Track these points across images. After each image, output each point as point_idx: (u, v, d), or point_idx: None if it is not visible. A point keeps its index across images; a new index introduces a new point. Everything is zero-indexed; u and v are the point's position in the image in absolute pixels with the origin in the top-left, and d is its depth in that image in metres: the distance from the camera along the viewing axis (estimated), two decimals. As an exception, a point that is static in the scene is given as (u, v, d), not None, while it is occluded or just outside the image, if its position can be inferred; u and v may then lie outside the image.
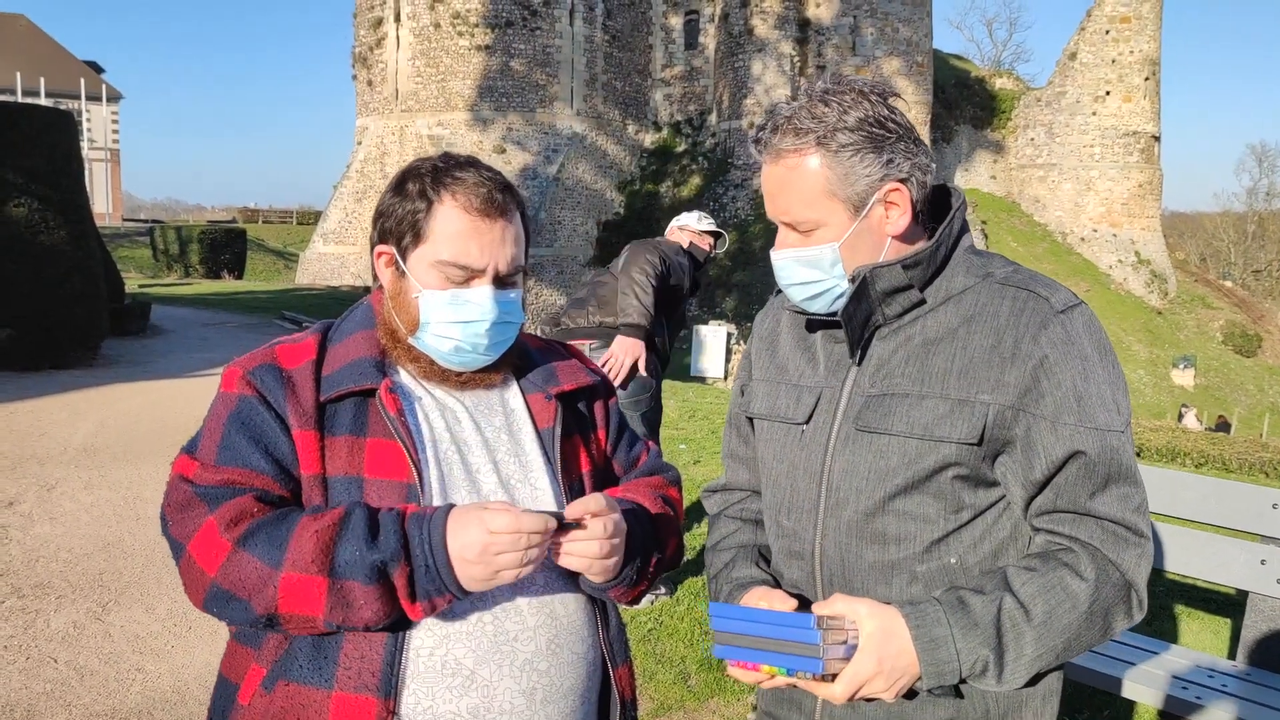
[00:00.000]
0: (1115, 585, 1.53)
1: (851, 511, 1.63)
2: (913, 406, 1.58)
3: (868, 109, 1.59)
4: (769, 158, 1.64)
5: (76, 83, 55.22)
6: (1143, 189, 42.33)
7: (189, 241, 35.29)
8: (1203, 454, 11.40)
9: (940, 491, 1.58)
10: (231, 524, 1.48)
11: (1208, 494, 3.73)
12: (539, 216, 35.75)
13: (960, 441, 1.55)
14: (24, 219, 12.17)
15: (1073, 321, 1.56)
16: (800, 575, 1.73)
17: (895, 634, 1.49)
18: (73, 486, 7.18)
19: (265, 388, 1.59)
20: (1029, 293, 1.58)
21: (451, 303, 1.62)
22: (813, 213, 1.61)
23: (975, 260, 1.66)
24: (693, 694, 4.10)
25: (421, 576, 1.46)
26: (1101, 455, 1.52)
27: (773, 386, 1.80)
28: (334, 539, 1.46)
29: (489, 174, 1.66)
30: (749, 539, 1.89)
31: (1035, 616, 1.50)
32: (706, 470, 8.09)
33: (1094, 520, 1.55)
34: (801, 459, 1.71)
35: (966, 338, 1.58)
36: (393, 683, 1.50)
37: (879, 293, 1.61)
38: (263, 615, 1.47)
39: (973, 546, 1.61)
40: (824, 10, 37.10)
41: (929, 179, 1.64)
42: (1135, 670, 3.47)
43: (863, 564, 1.63)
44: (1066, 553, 1.55)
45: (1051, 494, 1.56)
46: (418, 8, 37.15)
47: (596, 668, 1.71)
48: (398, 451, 1.58)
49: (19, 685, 4.15)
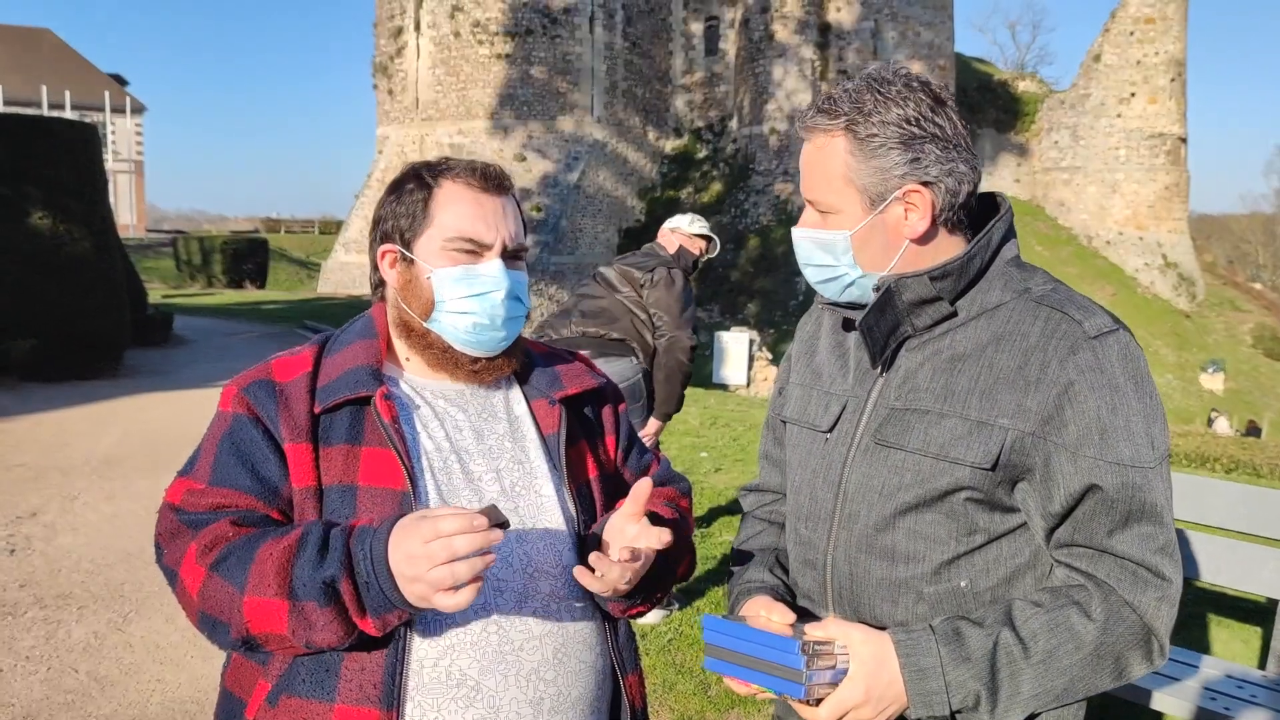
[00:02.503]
0: (1129, 628, 1.47)
1: (863, 525, 1.60)
2: (932, 424, 1.54)
3: (911, 107, 1.54)
4: (805, 134, 1.63)
5: (101, 96, 55.77)
6: (1169, 191, 41.96)
7: (212, 252, 35.62)
8: (1233, 459, 11.29)
9: (953, 512, 1.54)
10: (206, 549, 1.48)
11: (1236, 500, 3.67)
12: (560, 224, 35.80)
13: (974, 465, 1.50)
14: (48, 231, 12.29)
15: (1105, 348, 1.49)
16: (812, 585, 1.70)
17: (886, 662, 1.46)
18: (95, 497, 7.22)
19: (258, 404, 1.58)
20: (1062, 314, 1.52)
21: (464, 277, 1.62)
22: (831, 196, 1.59)
23: (1015, 274, 1.60)
24: (713, 704, 4.06)
25: (365, 592, 1.40)
26: (1121, 491, 1.46)
27: (806, 391, 1.77)
28: (291, 560, 1.43)
29: (480, 160, 1.70)
30: (771, 542, 1.87)
31: (1034, 654, 1.45)
32: (728, 478, 8.05)
33: (1112, 558, 1.49)
34: (822, 467, 1.68)
35: (994, 357, 1.53)
36: (395, 695, 1.48)
37: (906, 303, 1.57)
38: (239, 639, 1.47)
39: (985, 571, 1.56)
40: (845, 14, 37.02)
41: (965, 189, 1.57)
42: (1162, 680, 3.41)
43: (870, 579, 1.60)
44: (1079, 590, 1.49)
45: (1070, 527, 1.51)
46: (438, 17, 37.32)
47: (606, 676, 1.69)
48: (391, 459, 1.56)
49: (40, 695, 4.16)
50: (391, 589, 1.38)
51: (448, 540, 1.33)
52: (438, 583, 1.34)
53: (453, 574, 1.33)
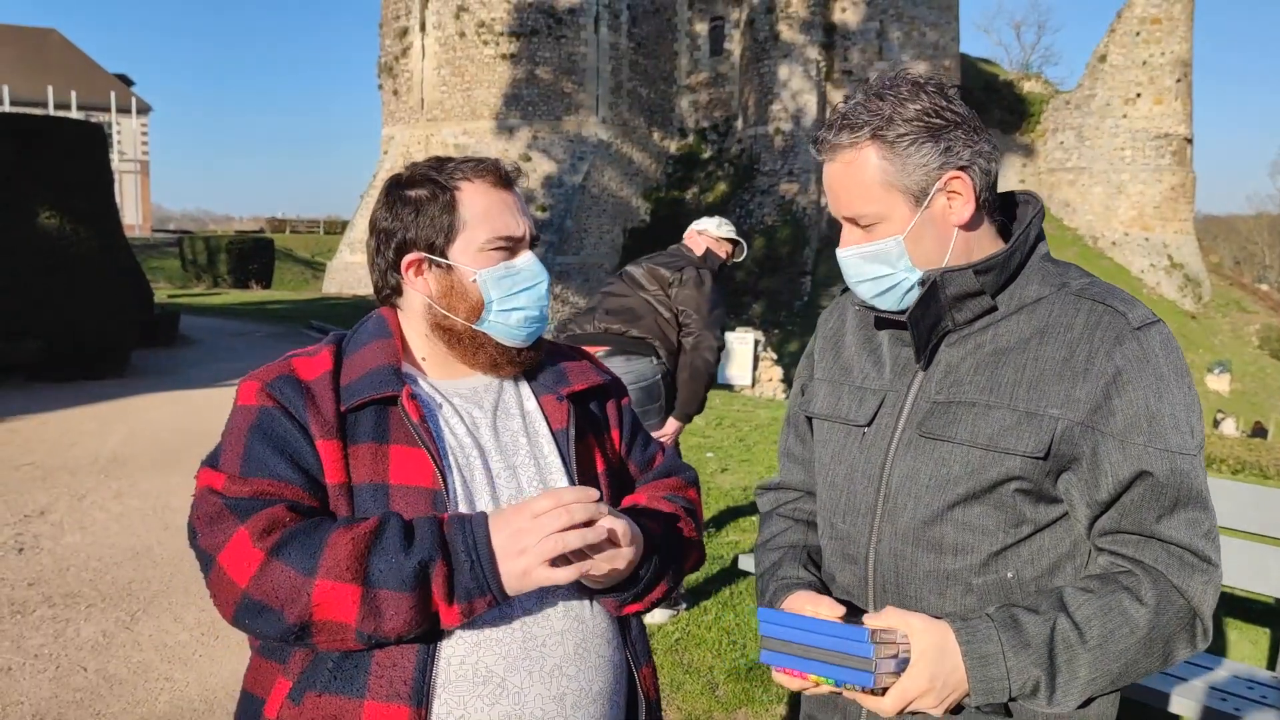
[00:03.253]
0: (1178, 612, 1.49)
1: (909, 518, 1.61)
2: (979, 416, 1.56)
3: (924, 100, 1.57)
4: (828, 156, 1.63)
5: (107, 96, 55.90)
6: (1175, 192, 41.88)
7: (217, 252, 35.64)
8: (1239, 460, 11.27)
9: (1001, 504, 1.56)
10: (264, 534, 1.47)
11: (1244, 501, 3.67)
12: (565, 224, 35.80)
13: (1026, 455, 1.52)
14: (55, 231, 12.32)
15: (1149, 339, 1.53)
16: (852, 579, 1.71)
17: (948, 650, 1.47)
18: (103, 496, 7.23)
19: (286, 399, 1.58)
20: (1106, 306, 1.55)
21: (507, 274, 1.68)
22: (873, 206, 1.59)
23: (1051, 269, 1.64)
24: (720, 704, 4.06)
25: (464, 575, 1.45)
26: (1170, 478, 1.49)
27: (835, 387, 1.78)
28: (368, 547, 1.45)
29: (481, 156, 1.74)
30: (799, 539, 1.87)
31: (1090, 639, 1.47)
32: (734, 478, 8.06)
33: (1159, 544, 1.51)
34: (861, 461, 1.69)
35: (1038, 349, 1.55)
36: (425, 691, 1.49)
37: (949, 297, 1.59)
38: (295, 624, 1.45)
39: (1030, 561, 1.58)
40: (850, 15, 37.00)
41: (993, 166, 1.61)
42: (1171, 680, 3.40)
43: (917, 572, 1.61)
44: (1128, 575, 1.51)
45: (1117, 514, 1.53)
46: (443, 17, 37.34)
47: (622, 670, 1.70)
48: (422, 458, 1.57)
49: (49, 694, 4.17)
50: (492, 569, 1.44)
51: (563, 509, 1.43)
52: (546, 553, 1.42)
53: (564, 542, 1.42)
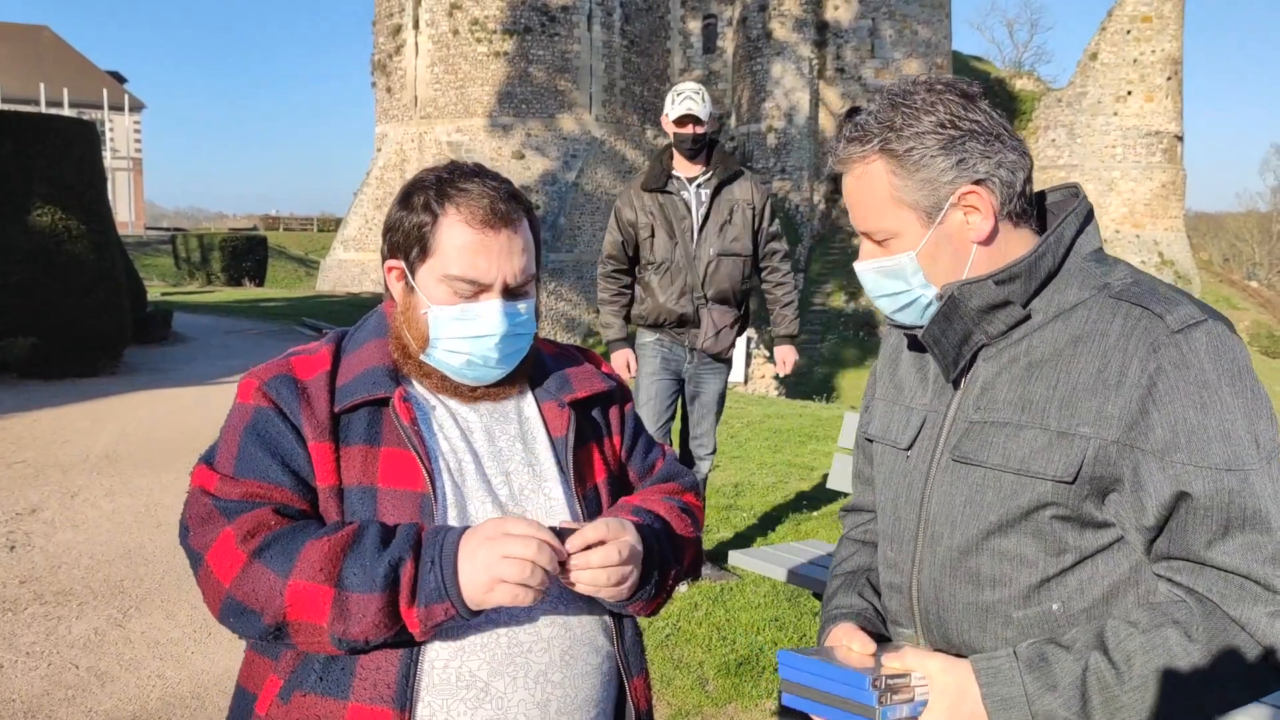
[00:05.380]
0: (1237, 649, 1.34)
1: (946, 547, 1.53)
2: (1010, 437, 1.45)
3: (940, 110, 1.48)
4: (841, 168, 1.56)
5: (99, 93, 55.73)
6: (1166, 189, 41.99)
7: (211, 249, 35.61)
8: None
9: (1040, 531, 1.44)
10: (248, 536, 1.48)
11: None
12: (559, 222, 35.80)
13: (1055, 479, 1.41)
14: (48, 229, 12.30)
15: (1191, 342, 1.38)
16: (900, 609, 1.64)
17: (967, 692, 1.39)
18: (95, 494, 7.24)
19: (281, 399, 1.58)
20: (1143, 309, 1.41)
21: (460, 317, 1.60)
22: (884, 222, 1.52)
23: (1095, 270, 1.50)
24: (710, 699, 4.08)
25: (426, 577, 1.44)
26: (1216, 498, 1.34)
27: (889, 406, 1.71)
28: (345, 550, 1.45)
29: (494, 183, 1.63)
30: (863, 563, 1.80)
31: (1129, 680, 1.34)
32: (725, 476, 8.07)
33: (1215, 571, 1.36)
34: (904, 487, 1.62)
35: (1071, 360, 1.43)
36: (408, 694, 1.49)
37: (973, 311, 1.49)
38: (271, 625, 1.46)
39: (1079, 591, 1.45)
40: (842, 12, 37.06)
41: (1020, 177, 1.50)
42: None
43: (957, 604, 1.52)
44: (1180, 606, 1.37)
45: (1166, 539, 1.39)
46: (436, 15, 37.30)
47: (612, 679, 1.69)
48: (411, 461, 1.57)
49: (41, 691, 4.18)
50: (452, 575, 1.44)
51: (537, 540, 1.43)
52: (510, 573, 1.41)
53: (528, 571, 1.42)
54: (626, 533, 1.55)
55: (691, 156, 5.00)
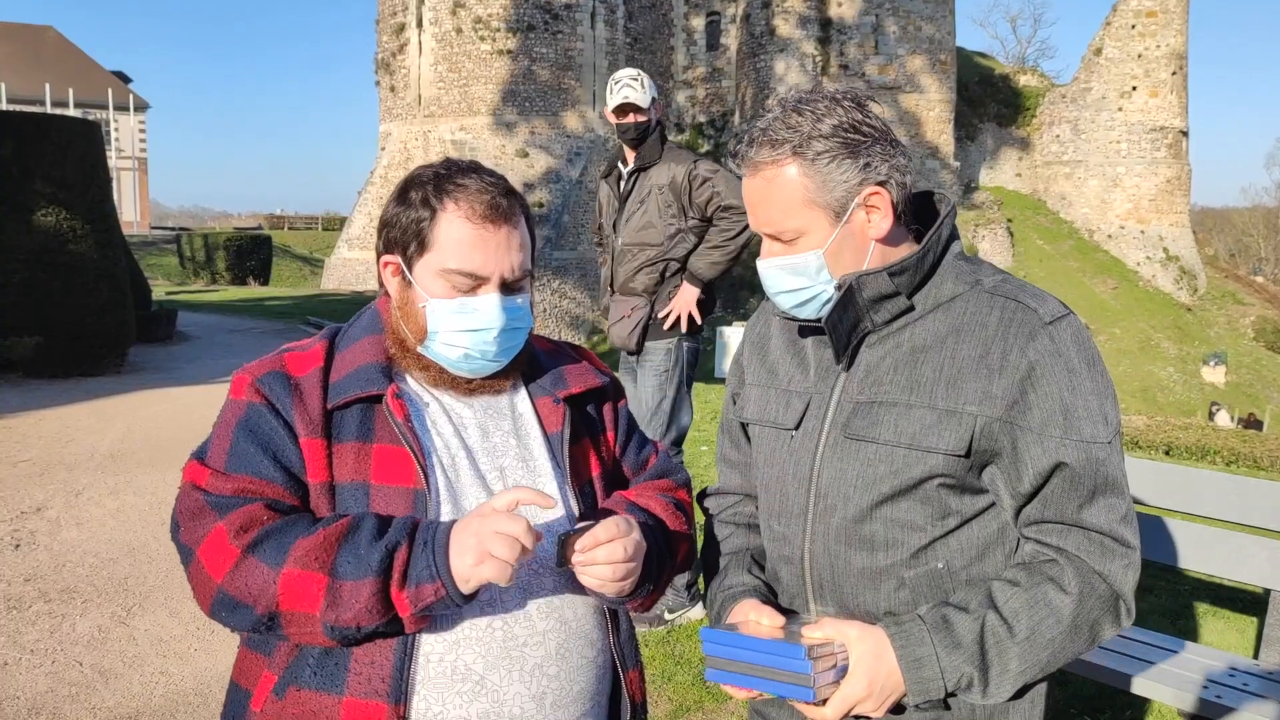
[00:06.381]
0: (1101, 597, 1.56)
1: (839, 518, 1.65)
2: (900, 416, 1.60)
3: (841, 115, 1.60)
4: (748, 171, 1.65)
5: (104, 93, 55.83)
6: (1170, 185, 41.88)
7: (215, 248, 35.65)
8: (1233, 451, 11.29)
9: (927, 499, 1.60)
10: (240, 531, 1.49)
11: (1228, 491, 3.69)
12: (562, 219, 35.79)
13: (947, 453, 1.57)
14: (52, 228, 12.32)
15: (1060, 333, 1.57)
16: (791, 579, 1.75)
17: (883, 656, 1.53)
18: (99, 492, 7.26)
19: (273, 395, 1.60)
20: (1018, 303, 1.60)
21: (459, 311, 1.62)
22: (794, 222, 1.62)
23: (964, 267, 1.67)
24: (711, 695, 4.09)
25: (418, 558, 1.46)
26: (1086, 467, 1.54)
27: (764, 391, 1.81)
28: (339, 539, 1.47)
29: (491, 179, 1.66)
30: (742, 544, 1.90)
31: (1019, 633, 1.53)
32: (728, 471, 8.08)
33: (1081, 531, 1.57)
34: (791, 464, 1.72)
35: (955, 347, 1.59)
36: (403, 688, 1.51)
37: (866, 300, 1.62)
38: (264, 616, 1.47)
39: (959, 551, 1.63)
40: (846, 9, 36.96)
41: (909, 179, 1.64)
42: (1154, 669, 3.44)
43: (851, 570, 1.65)
44: (1051, 565, 1.57)
45: (1039, 505, 1.59)
46: (440, 13, 37.28)
47: (607, 672, 1.71)
48: (405, 457, 1.58)
49: (45, 688, 4.20)
50: (443, 555, 1.45)
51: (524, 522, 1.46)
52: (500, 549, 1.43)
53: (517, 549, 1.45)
54: (633, 532, 1.59)
55: (636, 146, 4.79)
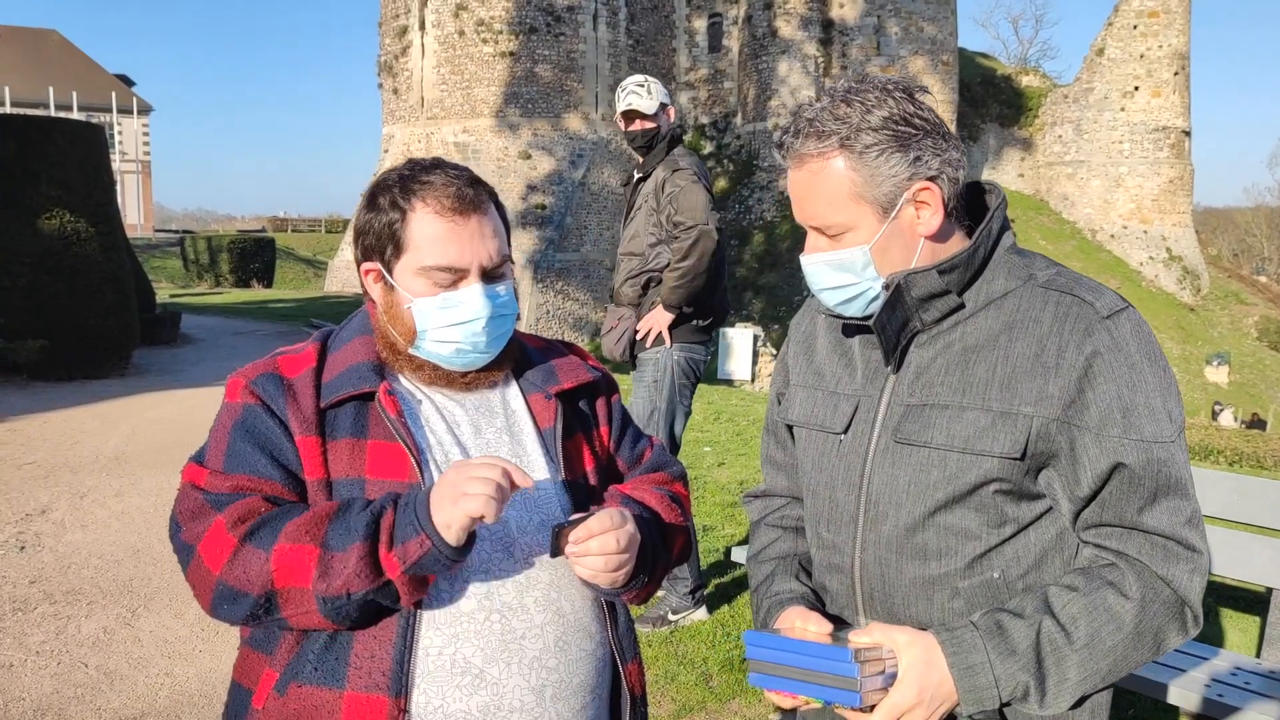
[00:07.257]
0: (1165, 603, 1.48)
1: (891, 526, 1.59)
2: (953, 418, 1.53)
3: (892, 107, 1.53)
4: (793, 162, 1.58)
5: (108, 96, 55.91)
6: (1173, 185, 41.88)
7: (219, 251, 35.70)
8: (1237, 451, 11.30)
9: (982, 505, 1.54)
10: (238, 522, 1.52)
11: (1230, 490, 3.69)
12: (565, 221, 35.80)
13: (1003, 456, 1.50)
14: (57, 231, 12.34)
15: (1119, 327, 1.50)
16: (840, 589, 1.69)
17: (934, 663, 1.46)
18: (104, 494, 7.27)
19: (268, 396, 1.62)
20: (1073, 298, 1.52)
21: (444, 306, 1.63)
22: (840, 216, 1.55)
23: (1017, 261, 1.60)
24: (714, 695, 4.10)
25: (402, 516, 1.48)
26: (1147, 468, 1.47)
27: (810, 393, 1.75)
28: (330, 515, 1.50)
29: (455, 172, 1.67)
30: (789, 548, 1.84)
31: (1078, 640, 1.46)
32: (730, 473, 8.09)
33: (1142, 535, 1.49)
34: (840, 470, 1.66)
35: (1008, 345, 1.52)
36: (403, 682, 1.52)
37: (915, 299, 1.55)
38: (261, 598, 1.49)
39: (1015, 560, 1.56)
40: (848, 10, 36.99)
41: (961, 175, 1.57)
42: (1156, 668, 3.44)
43: (903, 580, 1.59)
44: (1112, 569, 1.50)
45: (1098, 508, 1.51)
46: (442, 15, 37.31)
47: (606, 664, 1.72)
48: (399, 452, 1.60)
49: (50, 689, 4.21)
50: (425, 510, 1.46)
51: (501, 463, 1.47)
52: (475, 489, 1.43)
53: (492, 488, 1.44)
54: (627, 524, 1.59)
55: (644, 153, 4.73)
